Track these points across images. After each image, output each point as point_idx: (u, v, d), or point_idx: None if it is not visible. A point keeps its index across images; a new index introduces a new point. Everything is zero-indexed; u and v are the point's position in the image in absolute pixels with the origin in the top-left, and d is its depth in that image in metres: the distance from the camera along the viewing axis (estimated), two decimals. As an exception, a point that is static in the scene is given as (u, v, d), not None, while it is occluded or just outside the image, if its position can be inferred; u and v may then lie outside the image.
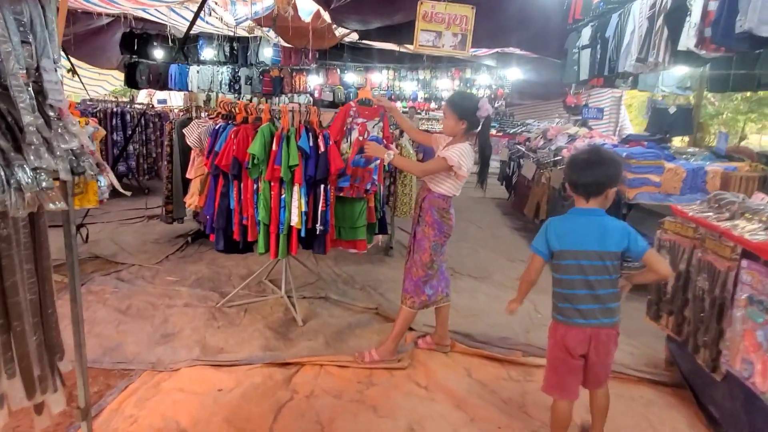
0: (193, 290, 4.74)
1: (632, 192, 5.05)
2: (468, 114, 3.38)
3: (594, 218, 2.48)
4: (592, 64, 7.75)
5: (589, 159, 2.49)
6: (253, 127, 3.87)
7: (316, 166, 3.79)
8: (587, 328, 2.46)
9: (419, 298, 3.63)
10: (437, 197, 3.48)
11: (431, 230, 3.52)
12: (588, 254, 2.43)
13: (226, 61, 13.55)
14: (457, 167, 3.29)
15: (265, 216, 3.81)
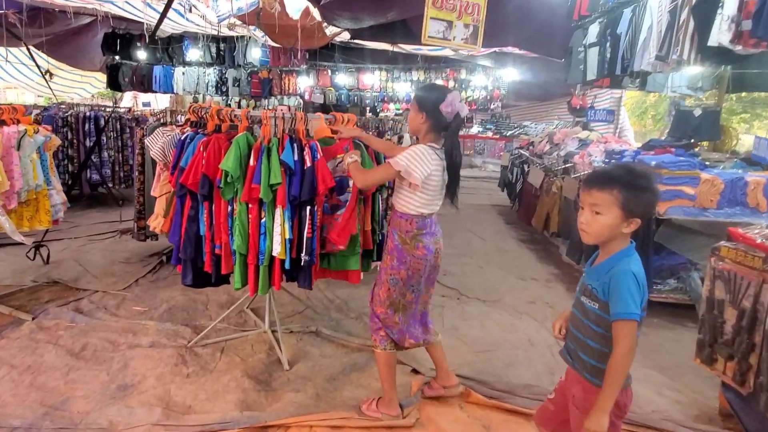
0: (162, 324, 4.00)
1: (663, 206, 4.37)
2: (429, 106, 2.68)
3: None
4: (601, 62, 7.12)
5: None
6: (226, 137, 3.15)
7: (301, 185, 3.08)
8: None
9: (379, 335, 2.89)
10: (399, 217, 2.78)
11: (389, 259, 2.82)
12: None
13: (213, 63, 12.84)
14: (405, 173, 2.58)
15: (241, 244, 3.09)
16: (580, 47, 7.87)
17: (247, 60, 12.60)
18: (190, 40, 12.46)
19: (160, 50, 12.72)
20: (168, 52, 12.76)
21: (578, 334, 2.05)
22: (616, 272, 1.88)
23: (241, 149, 3.05)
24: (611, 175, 1.93)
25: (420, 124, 2.74)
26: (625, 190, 1.88)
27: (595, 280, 1.97)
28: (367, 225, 3.48)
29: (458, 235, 7.07)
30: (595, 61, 7.31)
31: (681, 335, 4.29)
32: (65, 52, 12.59)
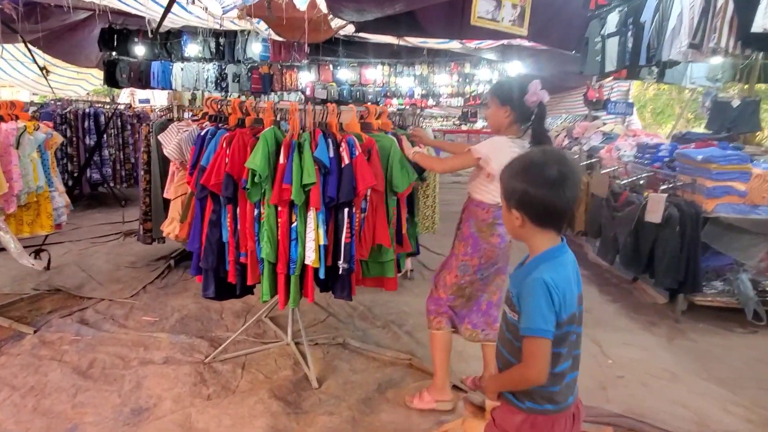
0: (175, 337, 3.63)
1: (711, 203, 4.04)
2: (513, 99, 2.62)
3: (570, 257, 1.63)
4: (622, 53, 6.76)
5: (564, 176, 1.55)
6: (251, 133, 2.78)
7: (338, 185, 2.72)
8: (572, 406, 1.66)
9: (440, 315, 2.90)
10: (476, 206, 2.74)
11: (463, 246, 2.78)
12: (578, 301, 1.62)
13: (212, 58, 12.39)
14: (485, 161, 2.59)
15: (270, 252, 2.73)
16: (597, 37, 7.51)
17: (247, 55, 12.17)
18: (189, 35, 12.02)
19: (158, 46, 12.26)
20: (166, 48, 12.31)
21: (502, 350, 1.71)
22: (528, 280, 1.56)
23: (269, 146, 2.68)
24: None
25: (503, 119, 2.66)
26: (504, 179, 1.65)
27: (514, 286, 1.65)
28: (404, 227, 3.11)
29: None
30: (615, 51, 6.96)
31: (731, 341, 3.97)
32: (61, 49, 12.17)
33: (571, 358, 1.61)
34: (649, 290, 4.76)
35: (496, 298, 2.88)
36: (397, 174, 2.87)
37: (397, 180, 2.88)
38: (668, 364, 3.58)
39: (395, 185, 2.88)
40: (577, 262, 1.65)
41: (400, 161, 2.88)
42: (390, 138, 2.94)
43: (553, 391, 1.59)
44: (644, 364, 3.55)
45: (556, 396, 1.60)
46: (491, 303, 2.88)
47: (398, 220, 3.04)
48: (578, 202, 5.81)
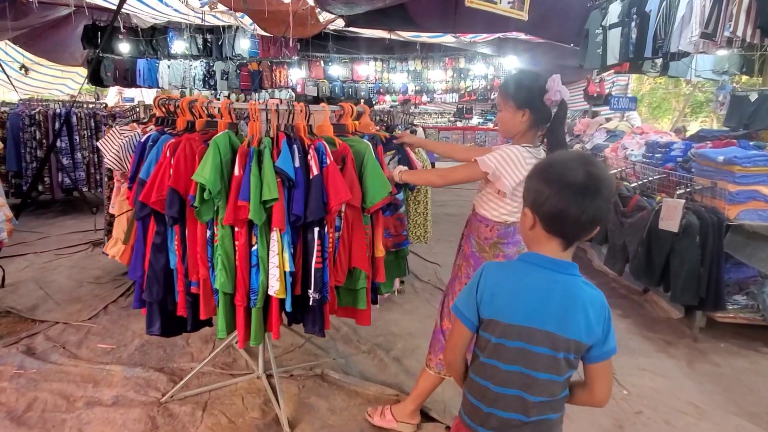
0: (131, 370, 3.14)
1: (734, 209, 3.56)
2: (531, 99, 2.16)
3: (562, 278, 1.36)
4: (624, 45, 6.29)
5: (587, 183, 1.30)
6: (201, 138, 2.29)
7: (306, 200, 2.23)
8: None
9: (438, 357, 2.50)
10: (479, 221, 2.32)
11: (465, 267, 2.39)
12: (534, 335, 1.34)
13: (200, 55, 11.92)
14: (493, 176, 2.14)
15: (225, 281, 2.24)
16: (598, 29, 7.04)
17: (235, 51, 11.70)
18: (175, 32, 11.54)
19: (144, 43, 11.80)
20: (152, 45, 11.84)
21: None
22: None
23: (222, 154, 2.19)
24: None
25: (519, 124, 2.21)
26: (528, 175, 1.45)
27: None
28: (379, 250, 2.62)
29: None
30: (617, 43, 6.50)
31: (759, 365, 3.50)
32: (43, 47, 11.73)
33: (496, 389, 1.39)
34: (662, 303, 4.29)
35: None
36: (369, 186, 2.38)
37: (368, 193, 2.38)
38: (692, 395, 3.10)
39: (364, 199, 2.39)
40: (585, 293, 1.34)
41: (372, 170, 2.39)
42: (364, 143, 2.45)
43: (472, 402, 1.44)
44: (665, 395, 3.08)
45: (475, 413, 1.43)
46: None
47: (372, 241, 2.55)
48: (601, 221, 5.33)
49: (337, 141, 2.41)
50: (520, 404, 1.37)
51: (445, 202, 8.39)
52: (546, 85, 2.13)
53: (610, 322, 1.36)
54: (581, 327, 1.32)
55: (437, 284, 4.77)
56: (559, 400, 1.40)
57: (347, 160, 2.35)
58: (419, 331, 3.82)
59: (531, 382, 1.35)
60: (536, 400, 1.36)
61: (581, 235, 1.37)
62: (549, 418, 1.39)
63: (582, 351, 1.35)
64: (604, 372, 1.38)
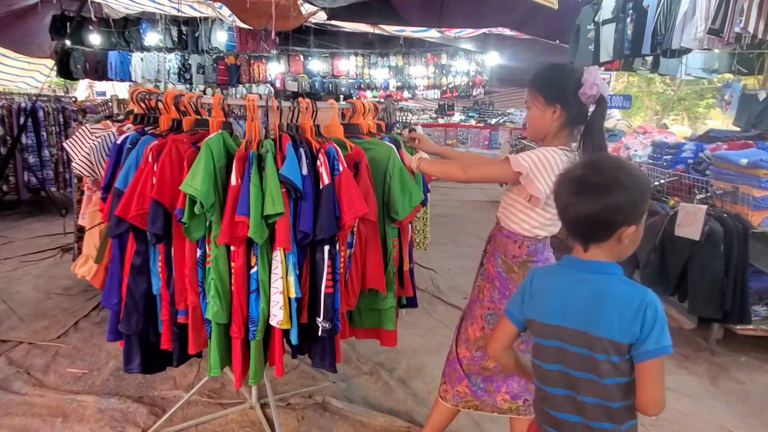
0: (105, 401, 2.73)
1: (758, 216, 3.32)
2: (563, 94, 1.85)
3: (594, 278, 1.33)
4: (619, 41, 6.04)
5: (588, 179, 1.30)
6: (190, 140, 1.91)
7: (315, 214, 1.87)
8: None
9: (455, 389, 2.15)
10: (506, 237, 2.00)
11: (489, 289, 2.06)
12: (569, 334, 1.32)
13: (174, 47, 11.36)
14: (526, 179, 1.82)
15: (219, 310, 1.87)
16: (590, 24, 6.79)
17: (212, 44, 11.18)
18: (149, 23, 10.98)
19: (116, 34, 11.20)
20: (124, 36, 11.25)
21: None
22: None
23: (216, 159, 1.81)
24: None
25: (551, 123, 1.89)
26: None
27: None
28: (407, 263, 2.28)
29: (465, 241, 5.92)
30: (611, 39, 6.25)
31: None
32: (9, 38, 11.05)
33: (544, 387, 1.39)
34: (673, 312, 4.03)
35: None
36: (398, 195, 2.04)
37: (398, 203, 2.04)
38: (722, 417, 2.84)
39: (395, 210, 2.05)
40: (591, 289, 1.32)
41: (401, 177, 2.04)
42: (387, 146, 2.10)
43: (538, 407, 1.45)
44: (695, 419, 2.81)
45: (541, 416, 1.43)
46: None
47: (400, 255, 2.21)
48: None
49: (348, 144, 2.06)
50: (573, 405, 1.34)
51: (432, 202, 8.04)
52: (581, 78, 1.82)
53: (655, 320, 1.24)
54: (613, 325, 1.27)
55: (435, 292, 4.44)
56: (616, 410, 1.30)
57: (361, 166, 2.00)
58: (422, 347, 3.49)
59: (574, 382, 1.33)
60: (586, 401, 1.32)
61: (589, 235, 1.34)
62: (605, 427, 1.30)
63: (623, 351, 1.27)
64: (647, 373, 1.26)
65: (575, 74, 1.85)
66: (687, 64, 7.01)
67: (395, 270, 2.16)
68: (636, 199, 1.28)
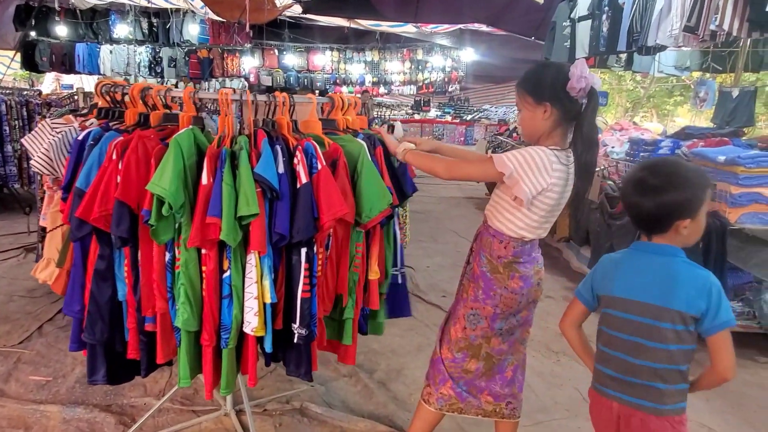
0: (71, 410, 2.58)
1: (735, 213, 3.32)
2: (551, 92, 1.79)
3: (659, 259, 1.54)
4: (595, 38, 6.05)
5: (649, 180, 1.52)
6: (157, 136, 1.78)
7: (292, 215, 1.76)
8: (614, 402, 1.58)
9: (439, 391, 2.08)
10: (491, 236, 1.94)
11: (473, 289, 2.00)
12: (641, 307, 1.53)
13: (145, 40, 11.07)
14: (510, 179, 1.77)
15: (189, 317, 1.75)
16: (566, 21, 6.78)
17: (183, 37, 10.93)
18: (118, 14, 10.67)
19: (83, 26, 10.86)
20: (92, 28, 10.91)
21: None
22: None
23: (186, 157, 1.69)
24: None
25: (542, 122, 1.82)
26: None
27: None
28: (374, 272, 2.17)
29: (443, 238, 5.86)
30: (586, 36, 6.26)
31: (759, 376, 3.27)
32: (-30, 28, 10.61)
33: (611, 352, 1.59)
34: (650, 308, 4.04)
35: (522, 357, 2.13)
36: (364, 196, 1.93)
37: (364, 204, 1.93)
38: (703, 415, 2.82)
39: (359, 212, 1.94)
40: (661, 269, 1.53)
41: (369, 176, 1.94)
42: (358, 143, 1.99)
43: (597, 368, 1.65)
44: (676, 418, 2.78)
45: (599, 376, 1.64)
46: (518, 367, 2.11)
47: (366, 262, 2.11)
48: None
49: (327, 140, 1.95)
50: (627, 367, 1.54)
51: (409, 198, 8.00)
52: (568, 72, 1.75)
53: (720, 298, 1.44)
54: (681, 299, 1.46)
55: (414, 290, 4.35)
56: (671, 372, 1.49)
57: (339, 164, 1.90)
58: (402, 347, 3.41)
59: (639, 349, 1.52)
60: (641, 364, 1.51)
61: (651, 228, 1.56)
62: (656, 386, 1.50)
63: (690, 323, 1.47)
64: (721, 344, 1.46)
65: (562, 70, 1.78)
66: (660, 61, 7.07)
67: (359, 279, 2.05)
68: (687, 197, 1.47)
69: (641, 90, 20.05)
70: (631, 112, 20.74)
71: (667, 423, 1.52)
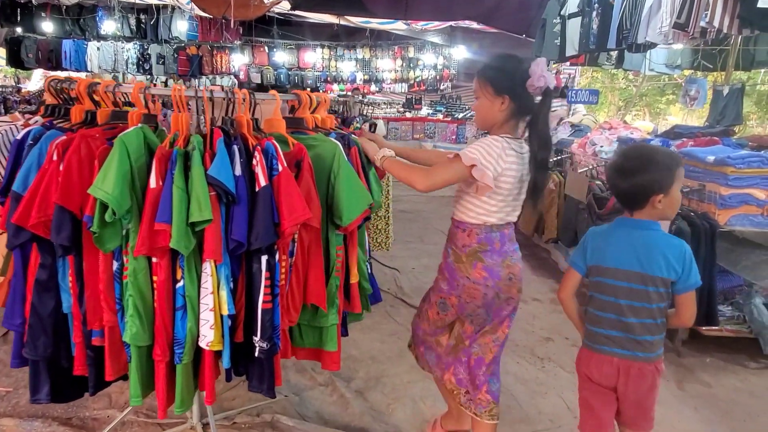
0: (28, 424, 2.43)
1: (725, 214, 3.20)
2: (512, 85, 1.88)
3: (638, 232, 1.79)
4: (585, 35, 5.94)
5: (624, 164, 1.79)
6: (104, 135, 1.64)
7: (250, 220, 1.63)
8: (614, 357, 1.82)
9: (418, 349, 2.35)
10: (457, 228, 2.04)
11: (440, 280, 2.12)
12: (627, 275, 1.78)
13: (133, 36, 10.86)
14: (479, 171, 1.82)
15: (138, 331, 1.61)
16: (556, 18, 6.68)
17: (172, 34, 10.73)
18: (105, 10, 10.45)
19: (70, 22, 10.66)
20: (79, 24, 10.71)
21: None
22: None
23: (133, 158, 1.55)
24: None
25: (498, 113, 1.92)
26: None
27: None
28: (354, 275, 2.05)
29: (431, 238, 5.72)
30: (576, 33, 6.15)
31: (749, 382, 3.17)
32: (-45, 24, 10.40)
33: (605, 315, 1.82)
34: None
35: (490, 358, 2.10)
36: (343, 198, 1.80)
37: (343, 207, 1.81)
38: (692, 424, 2.71)
39: (338, 215, 1.82)
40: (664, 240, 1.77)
41: (347, 178, 1.81)
42: (332, 143, 1.86)
43: (590, 329, 1.88)
44: (665, 427, 2.66)
45: (593, 336, 1.86)
46: (481, 361, 2.10)
47: (346, 266, 1.98)
48: (550, 205, 4.92)
49: (291, 140, 1.81)
50: (621, 326, 1.79)
51: (397, 197, 7.82)
52: (529, 69, 1.85)
53: (691, 263, 1.73)
54: (662, 266, 1.73)
55: (398, 293, 4.23)
56: (656, 326, 1.78)
57: (303, 165, 1.76)
58: (382, 353, 3.29)
59: (632, 309, 1.77)
60: (633, 322, 1.77)
61: (630, 204, 1.79)
62: (647, 339, 1.78)
63: (668, 284, 1.74)
64: (689, 301, 1.77)
65: (523, 66, 1.86)
66: (651, 59, 6.96)
67: (339, 283, 1.93)
68: (656, 177, 1.70)
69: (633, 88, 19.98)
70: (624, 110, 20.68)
71: (654, 367, 1.81)
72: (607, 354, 1.82)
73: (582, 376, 1.92)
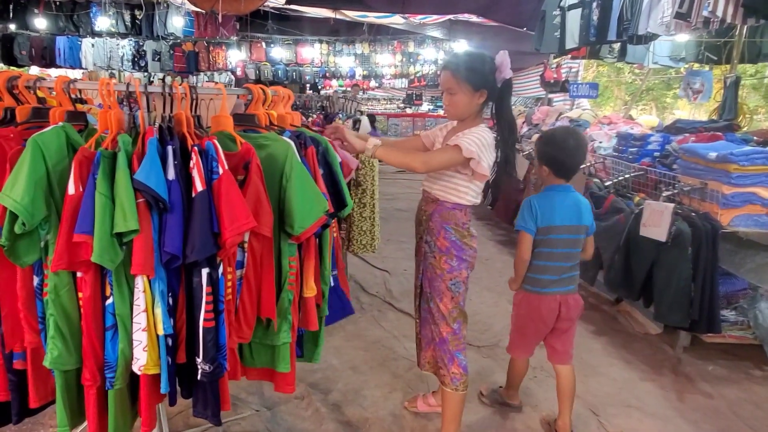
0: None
1: (728, 214, 2.99)
2: (487, 79, 2.09)
3: (570, 195, 2.35)
4: (585, 27, 5.72)
5: (578, 143, 2.34)
6: (20, 136, 1.47)
7: (186, 229, 1.45)
8: (557, 295, 2.34)
9: (451, 371, 2.27)
10: (451, 209, 2.19)
11: (447, 260, 2.20)
12: (569, 229, 2.31)
13: (128, 33, 10.72)
14: (476, 162, 2.03)
15: (62, 353, 1.44)
16: (556, 10, 6.44)
17: (168, 30, 10.57)
18: (99, 6, 10.31)
19: (64, 18, 10.52)
20: (73, 21, 10.57)
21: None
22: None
23: (50, 161, 1.37)
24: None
25: (475, 106, 2.12)
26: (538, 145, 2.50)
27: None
28: (310, 288, 1.85)
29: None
30: (576, 25, 5.92)
31: (752, 392, 2.96)
32: (-54, 20, 10.30)
33: (552, 263, 2.32)
34: (638, 316, 3.72)
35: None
36: (295, 204, 1.62)
37: (296, 213, 1.62)
38: (690, 441, 2.53)
39: (290, 223, 1.64)
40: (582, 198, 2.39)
41: (300, 181, 1.63)
42: (285, 142, 1.67)
43: (536, 277, 2.35)
44: (660, 445, 2.48)
45: (539, 282, 2.34)
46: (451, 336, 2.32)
47: (300, 279, 1.79)
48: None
49: (239, 140, 1.63)
50: (563, 270, 2.32)
51: (394, 195, 7.67)
52: (495, 63, 2.09)
53: (592, 212, 2.39)
54: (586, 217, 2.32)
55: (386, 297, 4.03)
56: (578, 264, 2.39)
57: (252, 167, 1.58)
58: (365, 362, 3.10)
59: (569, 255, 2.33)
60: (570, 265, 2.34)
61: (573, 173, 2.36)
62: (575, 275, 2.39)
63: (586, 231, 2.35)
64: (591, 239, 2.41)
65: (492, 60, 2.08)
66: (654, 52, 6.72)
67: (293, 297, 1.74)
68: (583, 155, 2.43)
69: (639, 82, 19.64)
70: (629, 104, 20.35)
71: (579, 296, 2.41)
72: (554, 294, 2.33)
73: (530, 314, 2.38)
